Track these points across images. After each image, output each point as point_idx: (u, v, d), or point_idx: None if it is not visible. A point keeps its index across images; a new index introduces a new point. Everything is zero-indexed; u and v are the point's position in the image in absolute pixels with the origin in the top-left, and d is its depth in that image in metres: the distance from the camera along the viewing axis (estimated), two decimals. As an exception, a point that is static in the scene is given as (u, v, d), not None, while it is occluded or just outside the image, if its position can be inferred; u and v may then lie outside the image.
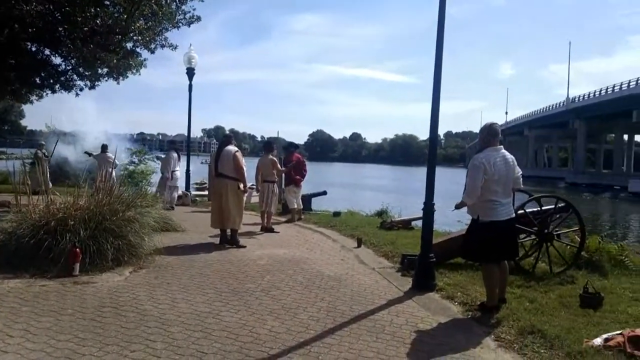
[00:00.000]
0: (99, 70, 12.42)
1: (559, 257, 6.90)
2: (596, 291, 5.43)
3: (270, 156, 10.46)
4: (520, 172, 5.48)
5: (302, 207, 12.42)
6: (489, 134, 5.27)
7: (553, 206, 6.92)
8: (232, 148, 8.53)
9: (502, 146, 5.30)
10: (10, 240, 6.14)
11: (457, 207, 5.43)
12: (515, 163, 5.39)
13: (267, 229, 9.91)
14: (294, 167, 11.89)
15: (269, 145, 11.12)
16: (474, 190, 5.07)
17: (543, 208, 6.90)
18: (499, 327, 4.69)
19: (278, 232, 9.83)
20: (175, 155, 13.65)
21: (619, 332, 4.33)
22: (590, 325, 4.72)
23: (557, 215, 7.00)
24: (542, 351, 4.15)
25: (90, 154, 15.87)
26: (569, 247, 7.19)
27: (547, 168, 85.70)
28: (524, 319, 4.81)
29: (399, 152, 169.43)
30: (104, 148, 15.03)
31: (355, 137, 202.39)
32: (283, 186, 12.61)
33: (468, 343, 4.32)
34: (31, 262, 5.90)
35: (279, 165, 10.72)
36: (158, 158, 18.78)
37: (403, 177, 72.08)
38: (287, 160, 12.11)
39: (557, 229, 6.99)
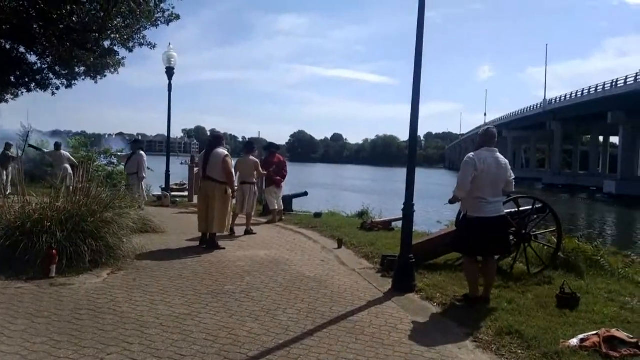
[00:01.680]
0: (76, 69, 12.27)
1: (536, 258, 6.99)
2: (573, 292, 5.51)
3: (252, 157, 10.37)
4: (513, 176, 5.69)
5: (282, 208, 12.39)
6: (485, 136, 5.61)
7: (531, 207, 7.01)
8: (222, 151, 8.32)
9: (496, 149, 5.58)
10: (-17, 242, 6.02)
11: (450, 201, 5.72)
12: (509, 167, 5.63)
13: (246, 232, 9.75)
14: (276, 168, 11.87)
15: (250, 145, 10.99)
16: (464, 185, 5.37)
17: (521, 209, 6.98)
18: (477, 328, 4.73)
19: (255, 234, 9.71)
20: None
21: (594, 332, 4.40)
22: (567, 326, 4.79)
23: (535, 216, 7.09)
24: (520, 352, 4.20)
25: (37, 149, 15.69)
26: (546, 247, 7.29)
27: (525, 169, 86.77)
28: (502, 320, 4.87)
29: (379, 153, 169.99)
30: (58, 146, 14.78)
31: (337, 138, 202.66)
32: (264, 187, 12.57)
33: (447, 344, 4.35)
34: (6, 264, 5.79)
35: (260, 167, 10.59)
36: (116, 157, 18.42)
37: (384, 178, 72.44)
38: (268, 161, 12.06)
39: (534, 230, 7.08)
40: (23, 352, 3.70)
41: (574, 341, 4.28)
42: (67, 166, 13.96)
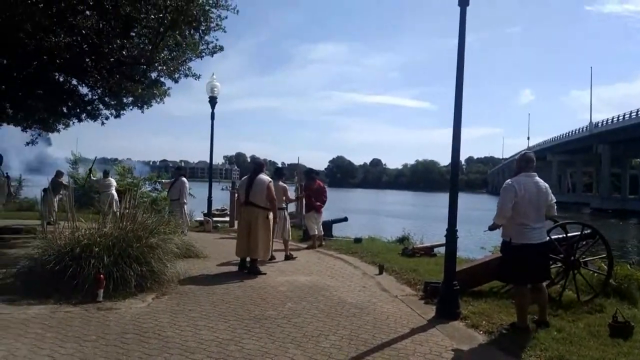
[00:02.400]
0: (124, 100, 12.71)
1: (586, 285, 6.73)
2: (626, 320, 5.27)
3: (281, 183, 10.38)
4: (554, 200, 5.60)
5: (322, 233, 12.38)
6: (523, 161, 5.54)
7: (579, 233, 6.79)
8: (265, 178, 8.50)
9: (535, 173, 5.49)
10: (35, 266, 6.25)
11: (490, 228, 5.63)
12: (549, 190, 5.53)
13: (286, 257, 9.77)
14: (315, 194, 11.92)
15: (279, 172, 11.15)
16: (504, 212, 5.29)
17: (569, 235, 6.77)
18: (525, 357, 4.57)
19: (296, 258, 9.73)
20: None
21: (651, 363, 4.19)
22: (621, 356, 4.59)
23: (584, 242, 6.86)
24: (572, 382, 4.03)
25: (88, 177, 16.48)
26: (596, 274, 7.02)
27: (571, 193, 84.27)
28: (552, 349, 4.70)
29: (419, 178, 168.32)
30: (106, 173, 15.47)
31: (376, 163, 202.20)
32: (304, 212, 12.61)
33: (494, 373, 4.22)
34: (56, 288, 5.98)
35: (288, 193, 10.61)
36: (160, 184, 18.97)
37: (424, 203, 71.57)
38: (308, 186, 12.15)
39: (583, 256, 6.84)
40: (72, 375, 3.78)
41: (631, 373, 4.08)
42: (114, 193, 14.41)
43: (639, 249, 29.04)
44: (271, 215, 8.45)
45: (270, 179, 8.61)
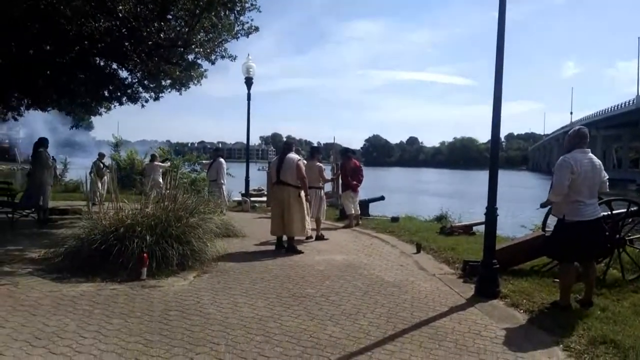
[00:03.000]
0: (163, 82, 12.87)
1: (632, 264, 6.55)
2: (675, 300, 5.11)
3: (317, 162, 10.40)
4: (607, 177, 5.46)
5: (359, 212, 12.38)
6: (577, 136, 5.37)
7: (625, 210, 6.58)
8: (295, 156, 8.55)
9: (589, 149, 5.36)
10: (82, 246, 6.47)
11: (543, 205, 5.62)
12: (602, 167, 5.38)
13: (317, 237, 9.76)
14: (351, 173, 11.91)
15: (315, 150, 11.02)
16: (561, 189, 5.16)
17: (614, 212, 6.57)
18: (568, 337, 4.49)
19: (327, 239, 9.68)
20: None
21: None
22: (668, 336, 4.45)
23: (630, 220, 6.65)
24: (616, 362, 3.95)
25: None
26: (643, 253, 6.81)
27: (616, 169, 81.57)
28: (595, 328, 4.60)
29: (457, 155, 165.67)
30: (154, 157, 15.75)
31: (412, 141, 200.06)
32: (340, 192, 12.62)
33: (535, 352, 4.17)
34: (102, 267, 6.20)
35: (324, 173, 10.55)
36: (199, 164, 19.29)
37: (462, 181, 70.55)
38: (344, 166, 12.12)
39: (629, 234, 6.64)
40: (118, 350, 3.93)
41: (678, 353, 3.96)
42: (158, 177, 14.61)
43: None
44: (303, 194, 8.49)
45: (299, 157, 8.63)
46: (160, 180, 13.84)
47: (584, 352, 4.16)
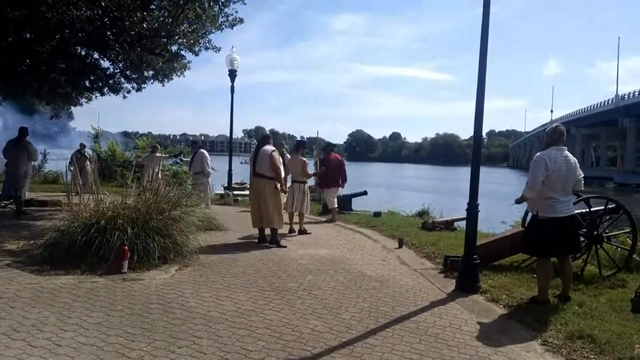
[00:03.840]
0: (145, 73, 12.75)
1: (609, 260, 6.68)
2: (649, 295, 5.23)
3: (300, 157, 10.34)
4: (582, 175, 5.55)
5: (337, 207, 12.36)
6: (554, 134, 5.48)
7: (602, 207, 6.70)
8: (269, 148, 8.53)
9: (565, 147, 5.46)
10: (62, 238, 6.39)
11: (518, 201, 5.70)
12: (577, 165, 5.48)
13: (300, 231, 9.77)
14: (334, 168, 11.89)
15: (300, 144, 10.91)
16: (535, 185, 5.26)
17: (592, 209, 6.69)
18: (546, 331, 4.57)
19: (310, 234, 9.68)
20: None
21: (674, 338, 4.17)
22: (643, 331, 4.56)
23: (607, 217, 6.78)
24: (592, 356, 4.04)
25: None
26: (619, 249, 6.95)
27: (595, 167, 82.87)
28: (573, 323, 4.69)
29: (439, 151, 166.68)
30: (155, 149, 15.33)
31: (395, 136, 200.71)
32: (323, 187, 12.61)
33: (514, 346, 4.23)
34: (82, 260, 6.13)
35: (307, 168, 10.48)
36: (179, 158, 19.10)
37: (444, 177, 71.15)
38: (326, 160, 12.08)
39: (607, 231, 6.77)
40: (99, 344, 3.89)
41: (651, 347, 4.06)
42: (157, 169, 14.11)
43: (664, 224, 28.54)
44: (279, 185, 8.43)
45: (273, 148, 8.58)
46: (159, 173, 13.65)
47: (561, 347, 4.24)
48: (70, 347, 3.80)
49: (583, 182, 5.56)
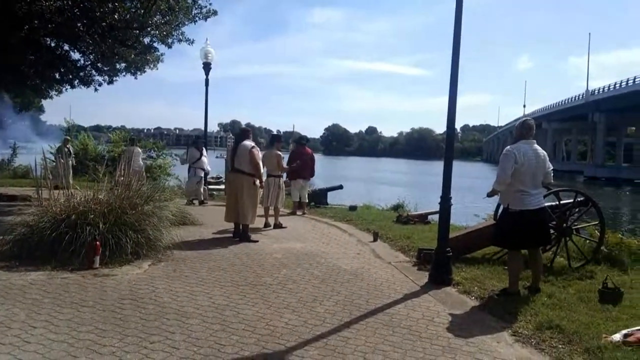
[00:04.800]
0: (117, 66, 12.55)
1: (577, 252, 6.83)
2: (616, 286, 5.38)
3: (276, 150, 10.29)
4: (551, 168, 5.67)
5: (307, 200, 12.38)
6: (523, 128, 5.56)
7: (572, 200, 6.85)
8: (249, 143, 8.46)
9: (534, 140, 5.54)
10: (32, 234, 6.26)
11: (489, 195, 5.73)
12: (547, 158, 5.59)
13: (275, 225, 9.74)
14: (310, 161, 11.88)
15: (275, 138, 10.86)
16: (504, 178, 5.35)
17: (562, 202, 6.83)
18: (516, 322, 4.66)
19: (285, 227, 9.67)
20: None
21: (638, 327, 4.29)
22: (610, 321, 4.68)
23: (576, 210, 6.93)
24: (560, 346, 4.13)
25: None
26: (588, 241, 7.12)
27: (566, 161, 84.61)
28: (542, 314, 4.79)
29: (415, 146, 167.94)
30: (133, 141, 15.14)
31: (371, 131, 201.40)
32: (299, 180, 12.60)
33: (485, 337, 4.31)
34: (53, 255, 6.00)
35: (282, 162, 10.45)
36: (177, 154, 19.03)
37: (419, 171, 71.76)
38: (299, 153, 11.97)
39: (576, 224, 6.92)
40: (70, 340, 3.83)
41: (617, 336, 4.18)
42: (140, 163, 13.91)
43: (632, 217, 29.39)
44: (257, 181, 8.40)
45: (253, 144, 8.52)
46: (142, 167, 13.55)
47: (530, 337, 4.33)
48: (39, 343, 3.73)
49: (552, 174, 5.67)
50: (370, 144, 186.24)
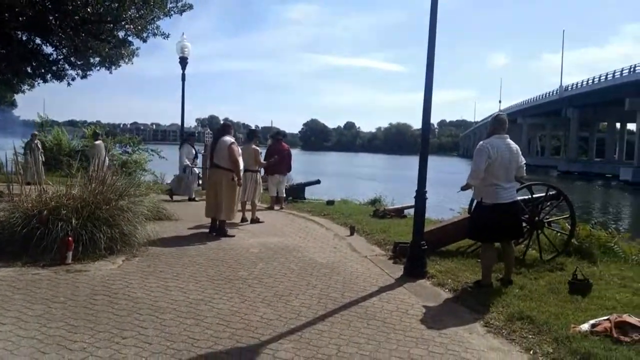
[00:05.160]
0: (91, 60, 12.36)
1: (549, 245, 6.96)
2: (585, 278, 5.50)
3: (253, 146, 10.20)
4: (524, 161, 5.76)
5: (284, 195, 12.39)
6: (495, 123, 5.64)
7: (544, 194, 6.97)
8: (228, 139, 8.36)
9: (507, 135, 5.60)
10: (2, 230, 6.14)
11: (463, 188, 5.78)
12: (520, 152, 5.68)
13: (252, 220, 9.68)
14: (287, 156, 11.86)
15: (252, 134, 10.77)
16: (478, 173, 5.42)
17: (534, 196, 6.95)
18: (488, 313, 4.74)
19: (262, 222, 9.60)
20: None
21: (606, 317, 4.40)
22: (578, 311, 4.79)
23: (548, 203, 7.06)
24: (530, 337, 4.22)
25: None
26: (559, 234, 7.26)
27: (540, 156, 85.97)
28: (513, 305, 4.88)
29: (393, 141, 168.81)
30: (96, 136, 14.87)
31: (350, 126, 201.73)
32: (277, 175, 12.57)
33: (457, 329, 4.38)
34: (24, 251, 5.90)
35: (260, 157, 10.40)
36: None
37: (397, 166, 72.16)
38: (276, 149, 11.93)
39: (547, 217, 7.05)
40: (39, 337, 3.78)
41: (585, 326, 4.28)
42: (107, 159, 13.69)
43: (603, 210, 30.05)
44: (235, 177, 8.30)
45: (232, 140, 8.43)
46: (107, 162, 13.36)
47: (502, 328, 4.41)
48: (8, 340, 3.67)
49: (525, 168, 5.77)
50: (348, 139, 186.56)
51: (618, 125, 73.87)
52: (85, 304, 4.58)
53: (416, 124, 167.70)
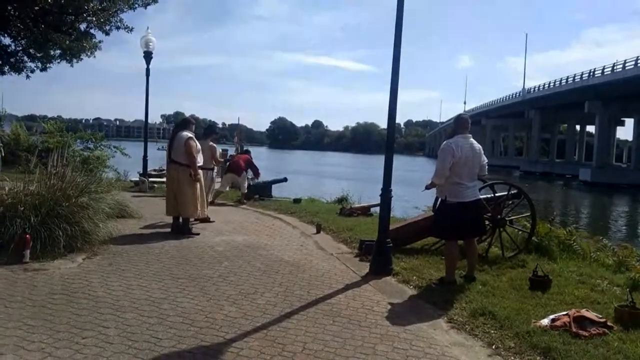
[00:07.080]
0: (51, 52, 12.01)
1: (511, 242, 7.11)
2: (545, 274, 5.64)
3: (210, 142, 10.02)
4: (486, 161, 5.90)
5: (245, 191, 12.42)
6: (458, 123, 5.74)
7: (506, 193, 7.11)
8: (186, 134, 8.17)
9: (470, 135, 5.69)
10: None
11: (428, 187, 5.88)
12: (482, 152, 5.80)
13: (202, 219, 9.02)
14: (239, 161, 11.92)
15: (209, 130, 10.57)
16: (443, 172, 5.49)
17: (496, 194, 7.08)
18: (451, 310, 4.82)
19: (213, 222, 9.16)
20: None
21: (565, 312, 4.52)
22: (539, 307, 4.91)
23: (510, 202, 7.21)
24: (492, 332, 4.30)
25: None
26: (520, 232, 7.42)
27: (503, 157, 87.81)
28: (476, 301, 4.97)
29: (360, 140, 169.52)
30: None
31: (317, 125, 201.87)
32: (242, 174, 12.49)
33: (422, 325, 4.43)
34: (-22, 250, 5.69)
35: (217, 155, 10.24)
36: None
37: (364, 165, 72.63)
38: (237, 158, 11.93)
39: (509, 215, 7.20)
40: (-4, 337, 3.66)
41: (545, 321, 4.39)
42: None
43: (563, 210, 30.92)
44: (193, 173, 8.05)
45: (190, 135, 8.22)
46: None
47: (465, 323, 4.49)
48: (-39, 342, 3.54)
49: (487, 167, 5.89)
50: (316, 138, 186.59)
51: (578, 127, 76.14)
52: (44, 303, 4.44)
53: (383, 123, 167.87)
